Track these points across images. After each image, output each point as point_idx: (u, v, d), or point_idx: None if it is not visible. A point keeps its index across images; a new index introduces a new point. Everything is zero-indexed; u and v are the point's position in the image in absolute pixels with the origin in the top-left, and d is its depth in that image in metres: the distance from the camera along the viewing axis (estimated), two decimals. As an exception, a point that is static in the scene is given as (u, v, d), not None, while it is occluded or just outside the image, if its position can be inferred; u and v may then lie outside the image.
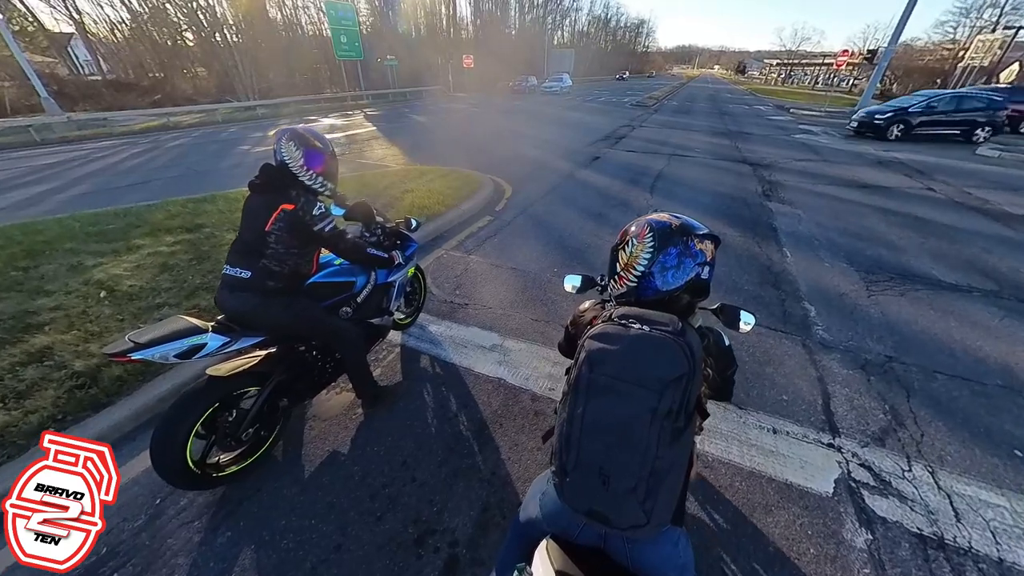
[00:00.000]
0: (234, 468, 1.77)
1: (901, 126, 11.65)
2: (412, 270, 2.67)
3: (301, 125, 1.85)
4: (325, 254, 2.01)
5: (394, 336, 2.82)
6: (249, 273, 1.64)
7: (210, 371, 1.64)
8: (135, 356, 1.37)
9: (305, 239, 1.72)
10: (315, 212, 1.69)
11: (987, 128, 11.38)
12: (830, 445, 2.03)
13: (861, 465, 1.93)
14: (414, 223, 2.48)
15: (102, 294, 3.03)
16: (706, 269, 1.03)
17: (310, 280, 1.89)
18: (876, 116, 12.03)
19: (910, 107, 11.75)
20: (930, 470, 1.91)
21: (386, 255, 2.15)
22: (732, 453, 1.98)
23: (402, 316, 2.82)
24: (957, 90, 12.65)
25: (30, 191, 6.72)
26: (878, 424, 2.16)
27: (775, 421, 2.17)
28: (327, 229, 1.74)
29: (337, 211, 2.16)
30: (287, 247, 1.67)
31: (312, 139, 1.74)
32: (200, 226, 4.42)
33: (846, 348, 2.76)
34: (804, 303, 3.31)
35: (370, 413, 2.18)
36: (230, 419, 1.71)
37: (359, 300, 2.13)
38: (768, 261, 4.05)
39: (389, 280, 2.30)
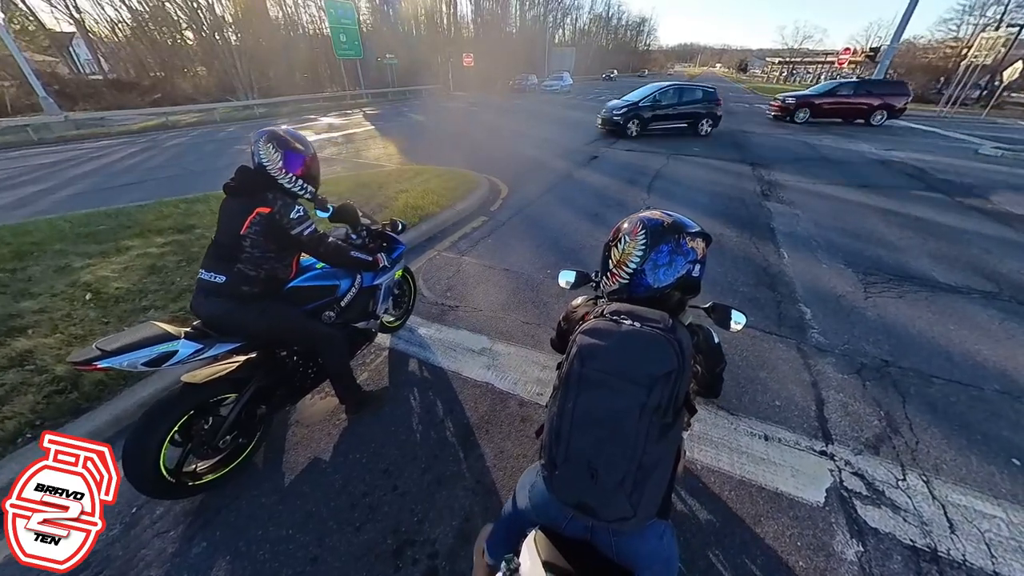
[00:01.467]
0: (211, 476, 1.74)
1: (637, 122, 10.88)
2: (400, 272, 2.63)
3: (283, 126, 1.81)
4: (307, 257, 1.97)
5: (383, 339, 2.78)
6: (224, 278, 1.60)
7: (185, 378, 1.61)
8: (101, 364, 1.33)
9: (282, 243, 1.68)
10: (292, 216, 1.65)
11: (708, 120, 11.12)
12: (822, 453, 1.99)
13: (854, 474, 1.88)
14: (400, 225, 2.45)
15: (88, 296, 3.00)
16: (697, 267, 1.05)
17: (290, 284, 1.85)
18: (615, 113, 10.99)
19: (640, 101, 10.98)
20: (925, 479, 1.86)
21: (370, 258, 2.11)
22: (722, 461, 1.94)
23: (391, 319, 2.79)
24: (676, 83, 11.90)
25: (24, 191, 6.69)
26: (872, 431, 2.11)
27: (767, 427, 2.12)
28: (306, 233, 1.70)
29: (322, 214, 2.12)
30: (263, 251, 1.63)
31: (292, 140, 1.70)
32: (191, 227, 4.39)
33: (842, 352, 2.71)
34: (800, 305, 3.26)
35: (354, 419, 2.14)
36: (206, 427, 1.66)
37: (343, 304, 2.08)
38: (765, 262, 4.00)
39: (375, 283, 2.26)
